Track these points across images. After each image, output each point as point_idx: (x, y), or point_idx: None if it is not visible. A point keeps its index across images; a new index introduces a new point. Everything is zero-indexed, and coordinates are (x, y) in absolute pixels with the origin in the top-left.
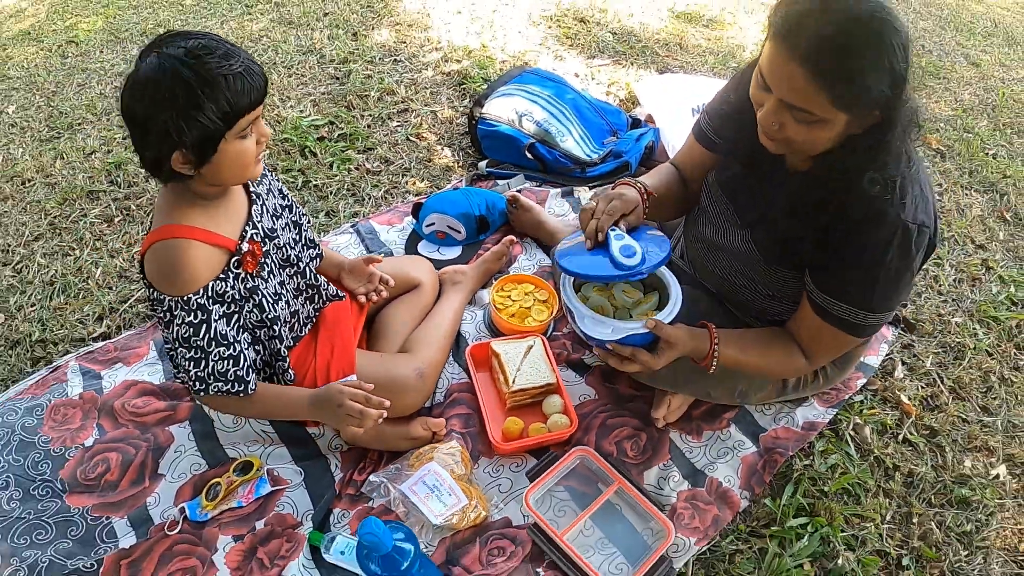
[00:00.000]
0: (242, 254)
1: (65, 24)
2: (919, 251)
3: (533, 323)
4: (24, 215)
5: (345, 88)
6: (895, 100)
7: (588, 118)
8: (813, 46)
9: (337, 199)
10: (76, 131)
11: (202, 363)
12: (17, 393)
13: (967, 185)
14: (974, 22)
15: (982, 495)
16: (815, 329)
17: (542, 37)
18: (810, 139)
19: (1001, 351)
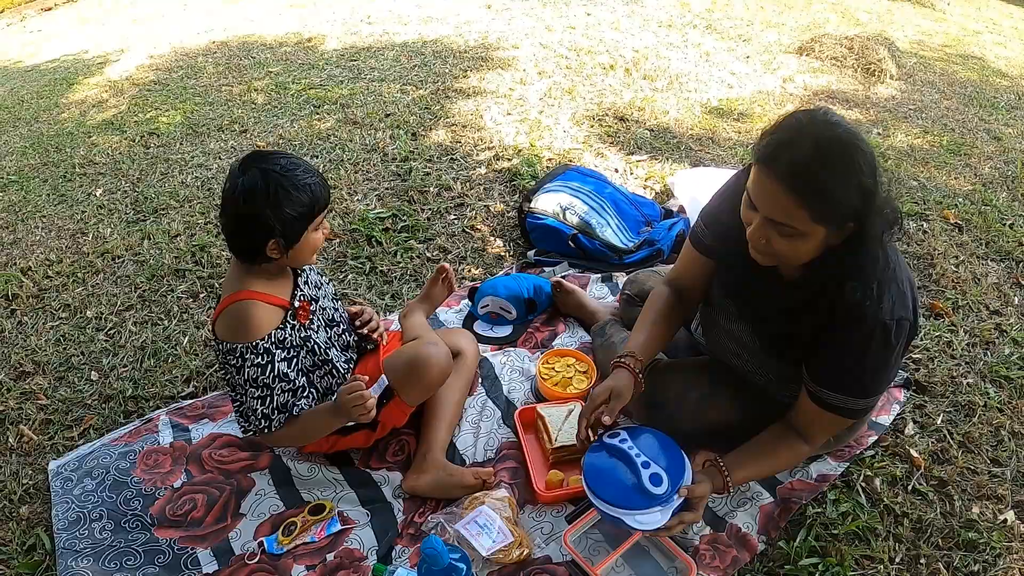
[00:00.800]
0: (295, 309)
1: (146, 116)
2: (899, 341)
3: (574, 391)
4: (115, 287)
5: (407, 184)
6: (867, 212)
7: (625, 210)
8: (790, 169)
9: (400, 284)
10: (161, 215)
11: (267, 400)
12: (112, 440)
13: (983, 255)
14: (998, 96)
15: (989, 538)
16: (813, 414)
17: (585, 136)
18: (793, 251)
19: (1012, 407)
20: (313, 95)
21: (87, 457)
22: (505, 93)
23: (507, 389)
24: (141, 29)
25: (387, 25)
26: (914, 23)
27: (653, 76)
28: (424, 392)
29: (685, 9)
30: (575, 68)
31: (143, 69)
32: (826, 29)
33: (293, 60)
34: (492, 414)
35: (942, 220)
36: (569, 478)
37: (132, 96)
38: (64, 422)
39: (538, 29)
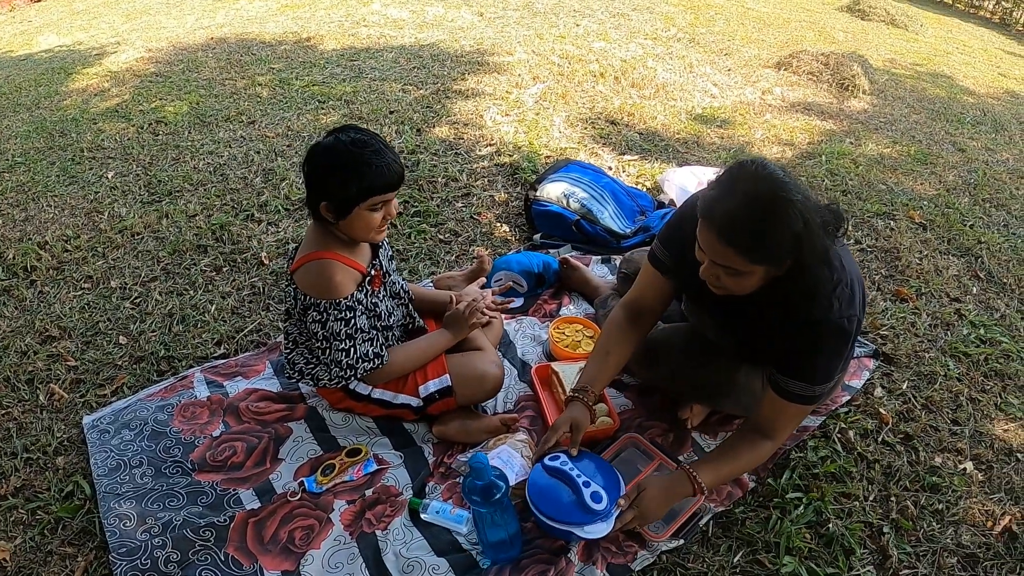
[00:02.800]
0: (371, 276)
1: (151, 106)
2: (852, 331)
3: (582, 352)
4: (137, 261)
5: (415, 174)
6: (800, 250)
7: (621, 200)
8: (725, 222)
9: (417, 261)
10: (176, 197)
11: (351, 351)
12: (148, 395)
13: (945, 251)
14: (964, 112)
15: (951, 483)
16: (776, 406)
17: (579, 136)
18: (739, 286)
19: (970, 378)
20: (317, 91)
21: (123, 411)
22: (502, 95)
23: (521, 352)
24: (134, 23)
25: (383, 29)
26: (888, 43)
27: (641, 84)
28: (479, 400)
29: (669, 23)
30: (567, 75)
31: (142, 61)
32: (803, 46)
33: (293, 58)
34: (509, 372)
35: (908, 219)
36: None
37: (134, 86)
38: (95, 381)
39: (530, 37)
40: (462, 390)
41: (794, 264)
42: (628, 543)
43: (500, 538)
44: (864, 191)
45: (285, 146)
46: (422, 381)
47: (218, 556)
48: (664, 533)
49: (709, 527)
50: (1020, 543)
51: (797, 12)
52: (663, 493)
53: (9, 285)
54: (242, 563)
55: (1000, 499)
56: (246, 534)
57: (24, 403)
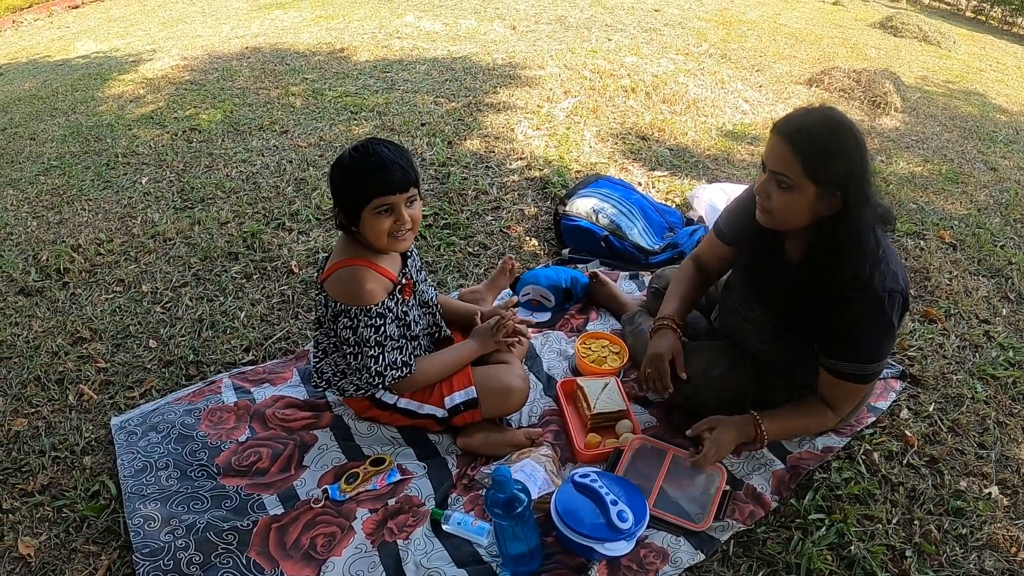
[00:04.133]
0: (402, 285)
1: (185, 113)
2: (894, 310)
3: (608, 367)
4: (169, 266)
5: (446, 187)
6: (851, 185)
7: (650, 216)
8: (794, 127)
9: (446, 273)
10: (208, 204)
11: (380, 358)
12: (176, 399)
13: (975, 272)
14: (996, 131)
15: (976, 507)
16: (832, 385)
17: (610, 151)
18: (785, 206)
19: (997, 401)
20: (349, 102)
21: (151, 414)
22: (533, 109)
23: (547, 366)
24: (170, 31)
25: (416, 41)
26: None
27: (672, 100)
28: (504, 413)
29: (701, 39)
30: (598, 89)
31: (178, 69)
32: (835, 62)
33: (327, 69)
34: (535, 386)
35: (938, 239)
36: (605, 440)
37: (170, 93)
38: (124, 383)
39: (562, 51)
40: (487, 403)
41: (842, 207)
42: (651, 561)
43: (520, 551)
44: (894, 210)
45: (317, 156)
46: (448, 392)
47: (240, 560)
48: (706, 520)
49: (730, 546)
50: None
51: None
52: (734, 428)
53: (42, 286)
54: (264, 567)
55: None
56: (268, 539)
57: (54, 403)
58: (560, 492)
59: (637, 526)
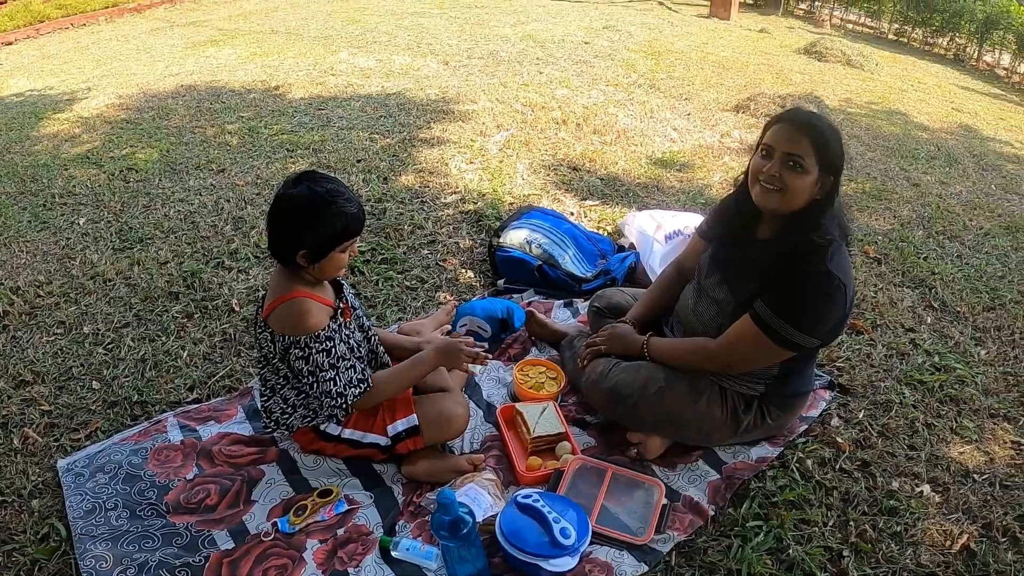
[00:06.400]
0: (341, 309)
1: (122, 152)
2: (835, 297)
3: (546, 392)
4: (109, 307)
5: (382, 222)
6: (839, 171)
7: (582, 244)
8: (806, 121)
9: (384, 307)
10: (147, 244)
11: (338, 379)
12: (122, 439)
13: (900, 283)
14: (918, 148)
15: (908, 505)
16: (742, 324)
17: (542, 183)
18: (797, 185)
19: (925, 404)
20: (285, 139)
21: (97, 455)
22: (467, 144)
23: (486, 394)
24: (105, 69)
25: (350, 77)
26: (844, 83)
27: (602, 131)
28: (445, 439)
29: (630, 70)
30: (530, 122)
31: (113, 108)
32: (761, 89)
33: (263, 106)
34: (475, 413)
35: (863, 254)
36: (546, 462)
37: (105, 132)
38: (69, 426)
39: (494, 86)
40: (429, 430)
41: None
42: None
43: (468, 573)
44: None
45: (255, 194)
46: (390, 420)
47: None
48: (648, 534)
49: (672, 556)
50: (979, 560)
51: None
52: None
53: None
54: None
55: (958, 519)
56: (221, 573)
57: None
58: (504, 513)
59: (580, 542)
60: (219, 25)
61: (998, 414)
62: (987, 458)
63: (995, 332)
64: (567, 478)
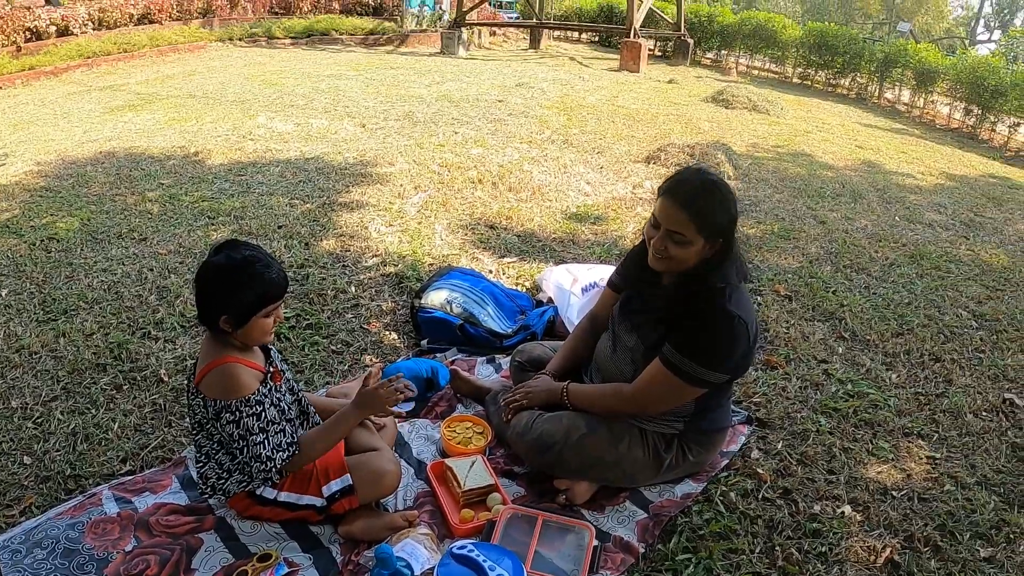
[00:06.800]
0: (272, 372)
1: (42, 222)
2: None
3: (474, 447)
4: (37, 380)
5: (306, 287)
6: (729, 232)
7: (501, 302)
8: (687, 195)
9: (312, 372)
10: (72, 316)
11: (268, 442)
12: (57, 514)
13: (811, 318)
14: (824, 187)
15: (831, 527)
16: (652, 368)
17: (460, 242)
18: (681, 255)
19: (841, 431)
20: (206, 207)
21: (33, 530)
22: (386, 206)
23: (416, 451)
24: (22, 134)
25: (268, 142)
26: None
27: (518, 188)
28: (379, 497)
29: (544, 126)
30: (447, 182)
31: (32, 175)
32: (671, 139)
33: (182, 173)
34: (406, 471)
35: (774, 293)
36: (478, 514)
37: (24, 201)
38: (2, 502)
39: (411, 147)
40: (363, 489)
41: (720, 251)
42: None
43: None
44: None
45: (178, 263)
46: (324, 482)
47: None
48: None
49: None
50: (903, 571)
51: (665, 107)
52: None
53: None
54: None
55: (880, 534)
56: None
57: None
58: (441, 565)
59: None
60: (136, 89)
61: (912, 432)
62: (904, 475)
63: (904, 356)
64: (499, 527)
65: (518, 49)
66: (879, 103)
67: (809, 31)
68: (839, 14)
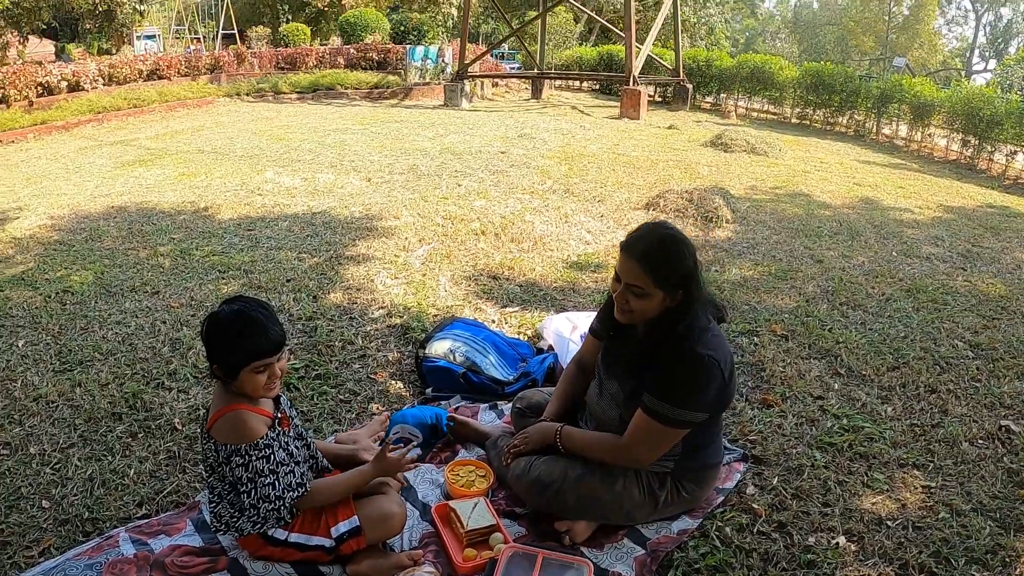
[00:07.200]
0: (279, 418)
1: (57, 275)
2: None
3: (476, 489)
4: (54, 428)
5: (314, 339)
6: (690, 285)
7: (503, 350)
8: (642, 252)
9: (320, 420)
10: (88, 366)
11: (277, 484)
12: (76, 555)
13: (807, 356)
14: (821, 226)
15: (825, 557)
16: (637, 419)
17: (464, 293)
18: (643, 308)
19: (836, 464)
20: (217, 261)
21: (52, 570)
22: (391, 259)
23: (421, 495)
24: (35, 188)
25: (276, 197)
26: (749, 171)
27: (519, 239)
28: (385, 537)
29: (545, 176)
30: (450, 234)
31: (45, 228)
32: (670, 185)
33: (193, 228)
34: (412, 513)
35: (770, 333)
36: (481, 553)
37: (39, 254)
38: (21, 543)
39: (415, 200)
40: (370, 529)
41: (683, 301)
42: None
43: None
44: (729, 313)
45: (190, 316)
46: (333, 523)
47: None
48: None
49: None
50: None
51: (665, 153)
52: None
53: None
54: None
55: (875, 563)
56: None
57: None
58: None
59: None
60: (146, 144)
61: (907, 463)
62: (899, 504)
63: (900, 389)
64: (501, 565)
65: (520, 99)
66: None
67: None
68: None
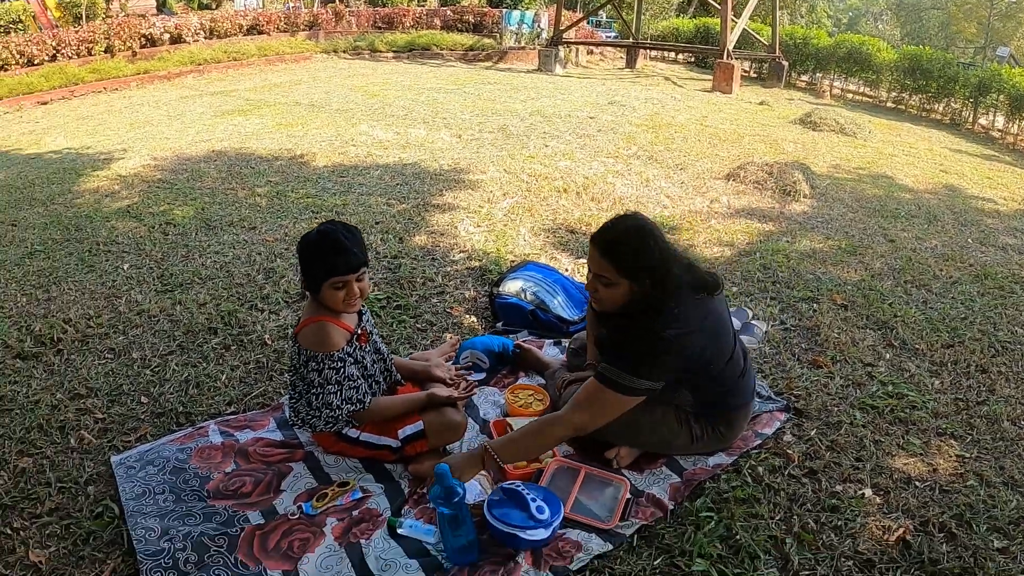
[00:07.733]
0: (359, 334)
1: (160, 209)
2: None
3: (533, 410)
4: (155, 338)
5: (397, 275)
6: (657, 273)
7: (571, 292)
8: (607, 243)
9: (398, 344)
10: (187, 288)
11: (340, 393)
12: (169, 440)
13: (863, 326)
14: (899, 208)
15: (850, 504)
16: (590, 386)
17: (542, 244)
18: (611, 295)
19: (875, 425)
20: (311, 203)
21: (147, 452)
22: (475, 209)
23: (483, 413)
24: (138, 133)
25: (370, 148)
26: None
27: (600, 198)
28: (447, 442)
29: (631, 142)
30: (534, 191)
31: (149, 168)
32: (753, 158)
33: (288, 172)
34: (472, 427)
35: (830, 301)
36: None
37: (143, 190)
38: (121, 430)
39: (503, 157)
40: (433, 435)
41: (651, 285)
42: (567, 550)
43: (461, 544)
44: (792, 280)
45: (283, 249)
46: (400, 427)
47: (229, 559)
48: (613, 520)
49: (634, 539)
50: (914, 550)
51: (752, 127)
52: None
53: (38, 352)
54: (249, 565)
55: (897, 516)
56: (253, 543)
57: (56, 445)
58: (491, 496)
59: (553, 518)
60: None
61: (946, 432)
62: (930, 468)
63: (951, 365)
64: (547, 475)
65: (614, 68)
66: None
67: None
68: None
